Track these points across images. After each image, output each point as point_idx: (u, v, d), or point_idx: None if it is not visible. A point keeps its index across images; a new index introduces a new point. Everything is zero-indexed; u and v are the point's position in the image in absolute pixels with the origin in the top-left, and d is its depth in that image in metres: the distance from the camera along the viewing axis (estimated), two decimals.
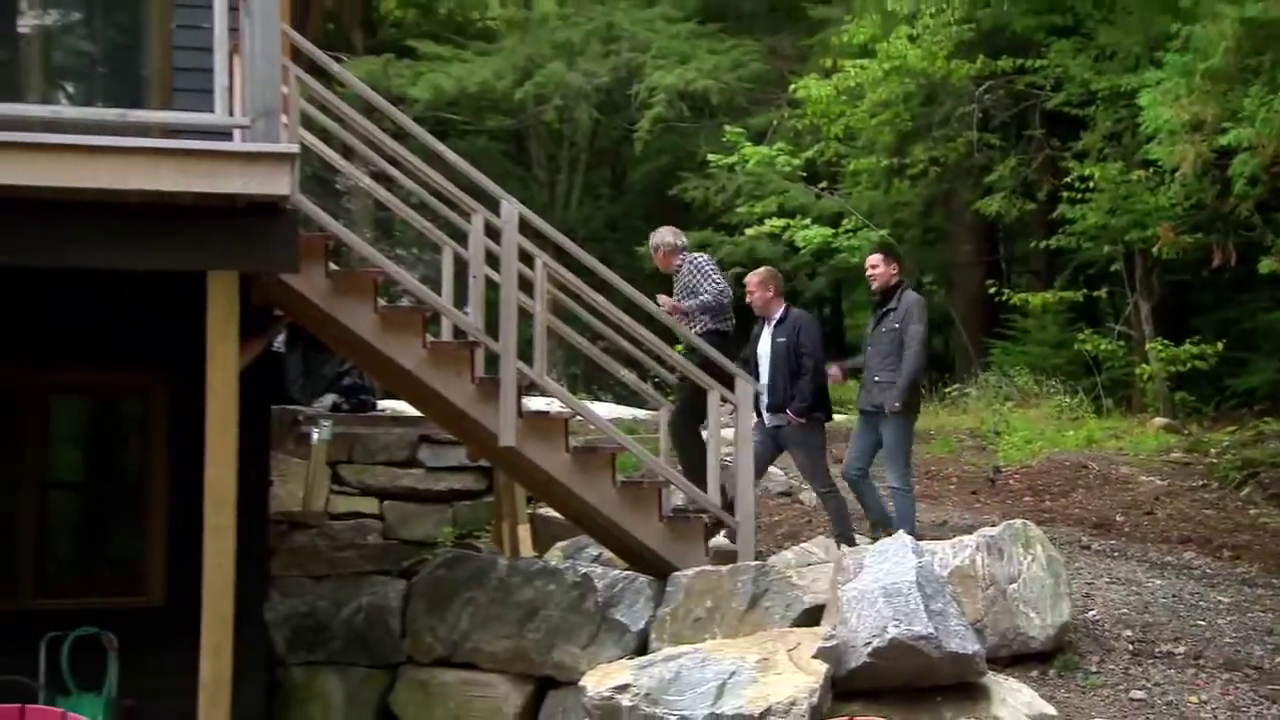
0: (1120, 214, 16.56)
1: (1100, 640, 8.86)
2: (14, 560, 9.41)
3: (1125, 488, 12.45)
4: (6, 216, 7.37)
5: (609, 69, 24.19)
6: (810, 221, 20.25)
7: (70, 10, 8.92)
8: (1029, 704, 7.80)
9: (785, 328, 10.38)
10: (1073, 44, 17.32)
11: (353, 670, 9.70)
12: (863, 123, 19.99)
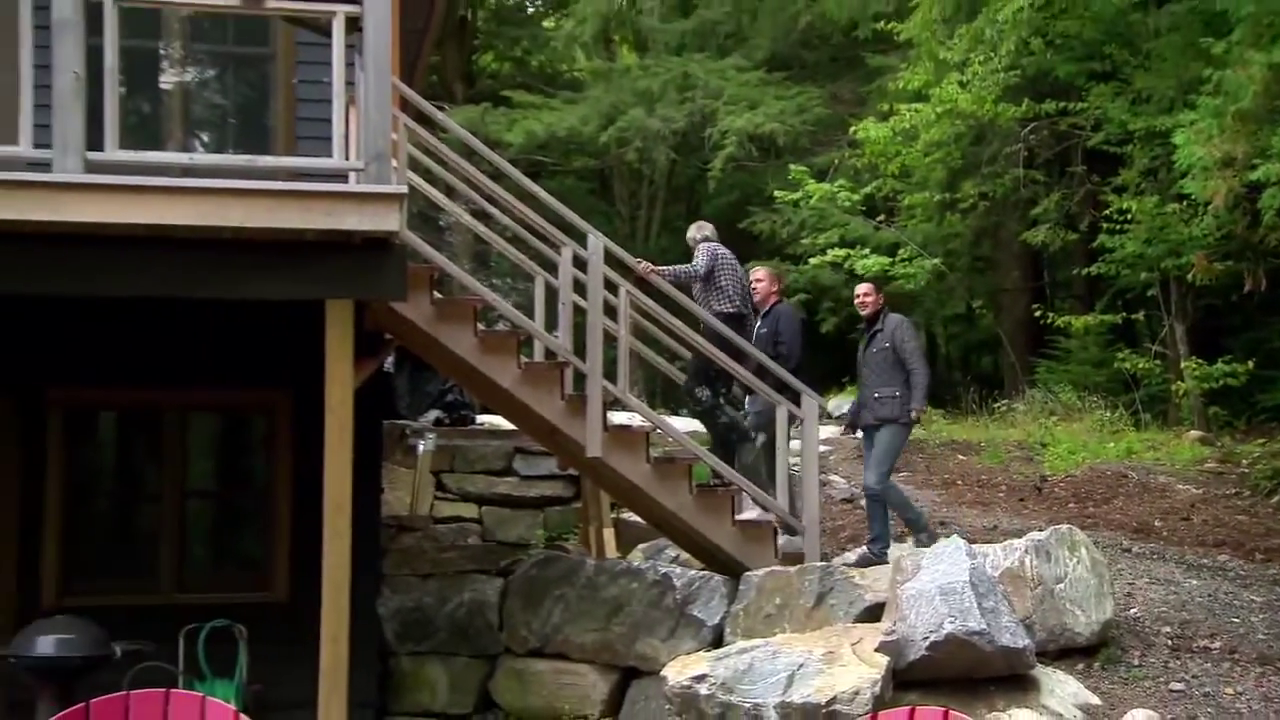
0: (1156, 243, 16.41)
1: (1141, 636, 8.78)
2: (157, 559, 9.58)
3: (1163, 495, 12.32)
4: (152, 253, 7.50)
5: (685, 114, 24.23)
6: (869, 251, 20.21)
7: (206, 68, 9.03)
8: (1075, 694, 7.75)
9: (769, 319, 10.56)
10: (1111, 88, 17.18)
11: (455, 660, 9.75)
12: (917, 161, 19.90)
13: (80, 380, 9.47)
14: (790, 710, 7.16)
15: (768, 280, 10.85)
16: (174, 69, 9.30)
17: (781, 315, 10.64)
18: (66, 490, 9.47)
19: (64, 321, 9.00)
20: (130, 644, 8.35)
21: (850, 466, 13.68)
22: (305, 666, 7.70)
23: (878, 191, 21.05)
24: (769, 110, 23.25)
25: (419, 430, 12.50)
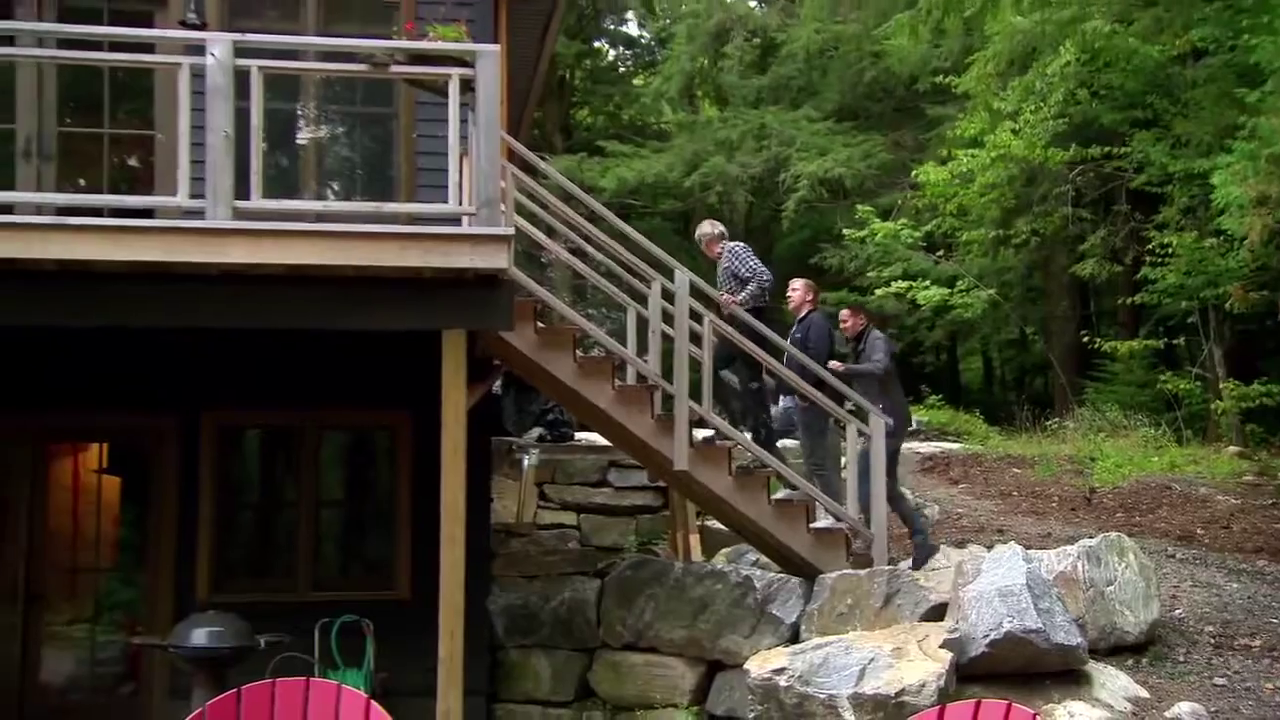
0: (1195, 275, 16.21)
1: (1186, 635, 8.68)
2: (294, 561, 9.72)
3: (1204, 506, 12.14)
4: (291, 290, 7.62)
5: (761, 161, 24.28)
6: (929, 283, 20.16)
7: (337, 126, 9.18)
8: (1125, 688, 7.68)
9: (801, 326, 10.59)
10: (1152, 134, 17.03)
11: (557, 652, 9.76)
12: (973, 201, 19.80)
13: (230, 403, 9.65)
14: (862, 701, 7.13)
15: (802, 290, 10.92)
16: (309, 127, 9.45)
17: (813, 324, 10.61)
18: (217, 499, 9.65)
19: (216, 350, 9.17)
20: (272, 636, 8.45)
21: (914, 479, 13.59)
22: (425, 657, 7.78)
23: (937, 229, 20.98)
24: (838, 156, 23.27)
25: (524, 446, 12.58)
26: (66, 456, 9.87)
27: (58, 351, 9.14)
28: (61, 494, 9.78)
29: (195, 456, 9.60)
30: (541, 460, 12.35)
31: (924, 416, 18.70)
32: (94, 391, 9.47)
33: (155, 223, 7.61)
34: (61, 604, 9.68)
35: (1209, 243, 15.70)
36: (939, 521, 11.61)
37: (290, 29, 9.64)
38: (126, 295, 7.57)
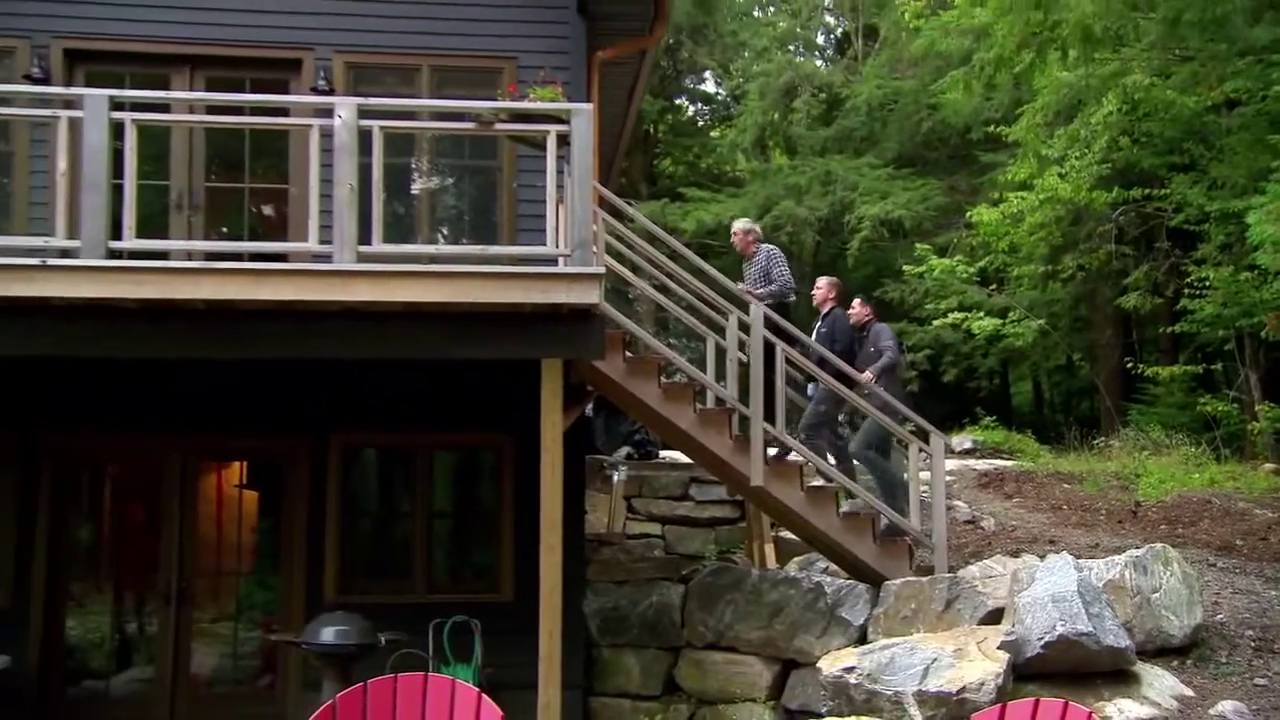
0: (1232, 306, 15.91)
1: (1227, 638, 8.49)
2: (410, 566, 9.80)
3: (1243, 519, 11.87)
4: (407, 324, 7.71)
5: (827, 204, 24.24)
6: (983, 314, 20.01)
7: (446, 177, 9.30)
8: (1171, 687, 7.53)
9: (827, 320, 10.71)
10: (1190, 177, 16.78)
11: (646, 651, 9.75)
12: (1023, 239, 19.65)
13: (353, 425, 9.77)
14: (926, 698, 7.06)
15: (825, 288, 11.02)
16: (423, 178, 9.57)
17: (837, 319, 10.76)
18: (342, 511, 9.76)
19: (342, 379, 9.31)
20: (391, 634, 8.53)
21: (971, 494, 13.43)
22: (527, 654, 7.79)
23: (990, 265, 20.80)
24: (897, 200, 23.21)
25: (614, 463, 12.59)
26: (211, 473, 10.04)
27: (204, 381, 9.32)
28: (207, 506, 9.94)
29: (323, 473, 9.73)
30: (629, 476, 12.35)
31: (979, 436, 18.49)
32: (235, 416, 9.65)
33: (289, 266, 7.74)
34: (207, 604, 9.84)
35: (1244, 276, 15.43)
36: (995, 533, 11.45)
37: (407, 93, 9.80)
38: (264, 331, 7.71)
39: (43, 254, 7.49)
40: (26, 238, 8.54)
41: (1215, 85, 14.62)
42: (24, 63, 9.57)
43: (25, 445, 9.48)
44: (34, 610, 9.37)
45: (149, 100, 8.17)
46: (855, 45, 28.24)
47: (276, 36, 9.86)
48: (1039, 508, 12.89)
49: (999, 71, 16.35)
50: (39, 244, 7.71)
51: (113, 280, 7.35)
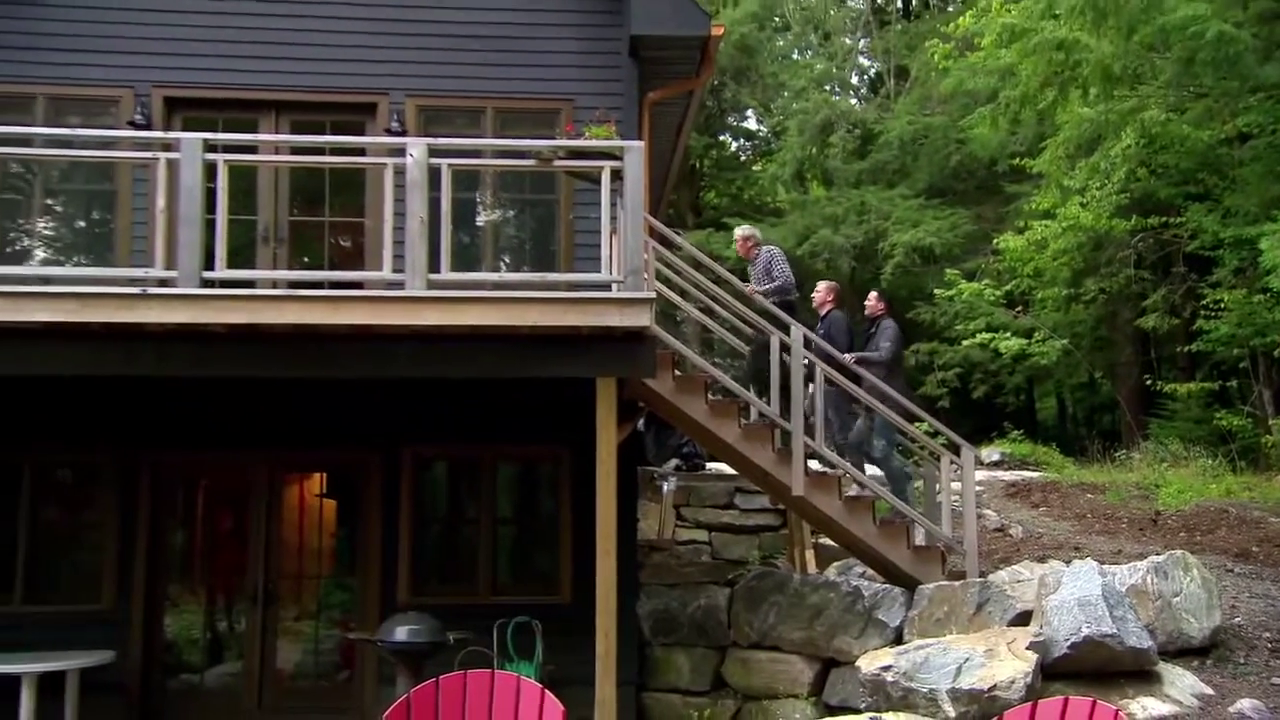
0: (1245, 326, 15.70)
1: (1245, 640, 8.34)
2: (475, 570, 9.82)
3: (1258, 527, 11.67)
4: (473, 346, 7.75)
5: (862, 232, 24.13)
6: (1009, 335, 19.83)
7: (508, 210, 9.35)
8: (1192, 686, 7.41)
9: (825, 322, 10.82)
10: (1204, 207, 16.57)
11: (695, 649, 9.71)
12: (1047, 264, 19.50)
13: (423, 439, 9.82)
14: (959, 695, 6.98)
15: (824, 292, 11.22)
16: (487, 211, 9.61)
17: (833, 321, 10.90)
18: (413, 518, 9.80)
19: (412, 396, 9.36)
20: (459, 634, 8.56)
21: (999, 503, 13.29)
22: (584, 652, 7.77)
23: (1016, 288, 20.65)
24: (928, 228, 23.06)
25: (663, 474, 12.57)
26: (294, 484, 10.12)
27: (288, 399, 9.40)
28: (290, 515, 10.03)
29: (396, 483, 9.79)
30: (678, 486, 12.33)
31: (1007, 449, 18.32)
32: (316, 432, 9.73)
33: (365, 293, 7.82)
34: (290, 604, 9.90)
35: (1257, 299, 15.23)
36: (1023, 540, 11.32)
37: (473, 132, 9.88)
38: (342, 352, 7.78)
39: (143, 283, 7.60)
40: (128, 269, 8.67)
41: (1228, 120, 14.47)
42: (128, 110, 9.74)
43: (126, 460, 9.61)
44: (134, 611, 9.49)
45: (238, 142, 8.27)
46: (888, 84, 28.15)
47: (354, 83, 9.98)
48: (1064, 516, 12.75)
49: (1023, 108, 16.35)
50: (139, 274, 7.83)
51: (205, 307, 7.45)
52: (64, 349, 7.60)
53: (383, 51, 10.00)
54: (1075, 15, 13.03)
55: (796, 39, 29.64)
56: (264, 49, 9.90)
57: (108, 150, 9.00)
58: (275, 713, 9.54)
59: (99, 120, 9.70)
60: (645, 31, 9.90)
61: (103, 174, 9.78)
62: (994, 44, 16.30)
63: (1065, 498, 13.69)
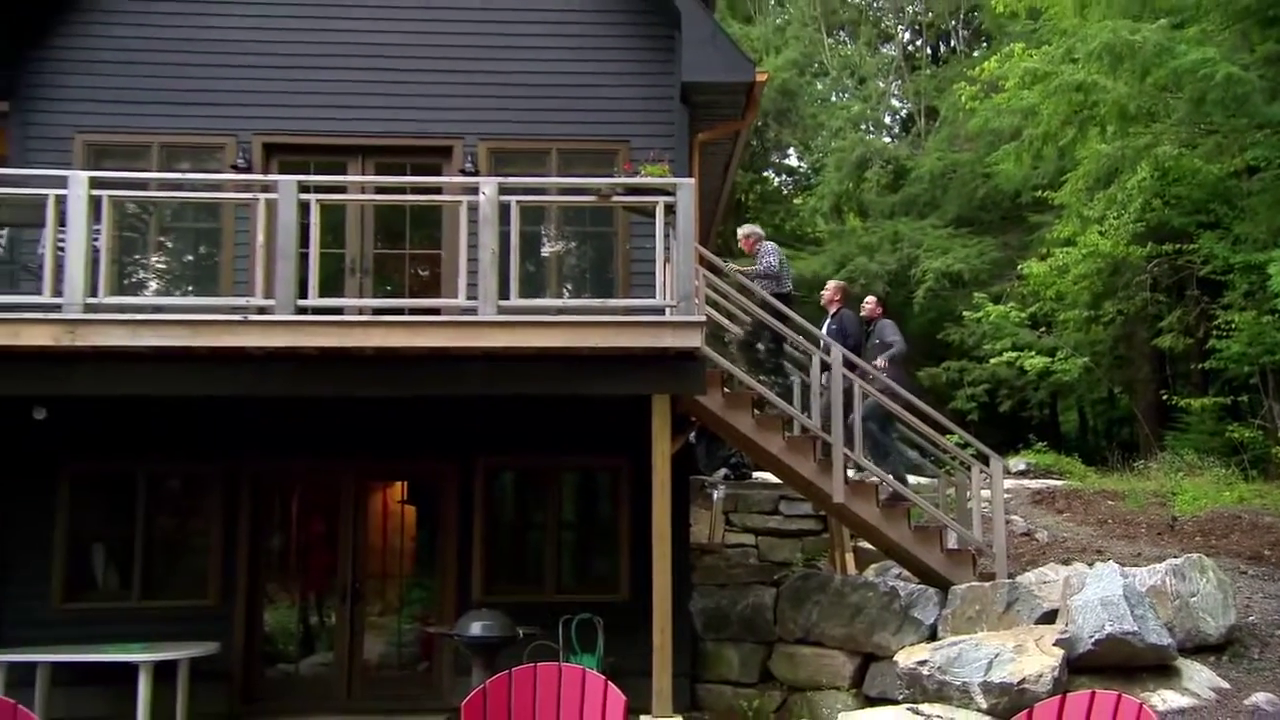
0: (1255, 345, 15.36)
1: (1259, 637, 8.13)
2: (542, 570, 9.84)
3: (1269, 531, 11.39)
4: (536, 366, 7.80)
5: (895, 260, 23.97)
6: (1034, 353, 19.57)
7: (571, 242, 9.39)
8: (1209, 680, 7.24)
9: (836, 319, 10.68)
10: (1215, 234, 16.27)
11: (744, 644, 9.65)
12: (1068, 288, 19.22)
13: (494, 451, 9.86)
14: (991, 688, 6.86)
15: (832, 290, 11.20)
16: (551, 243, 9.65)
17: (845, 317, 10.81)
18: (485, 522, 9.84)
19: (484, 412, 9.41)
20: (528, 629, 8.58)
21: (1025, 509, 13.08)
22: (642, 647, 7.78)
23: (1039, 310, 20.39)
24: (957, 255, 22.89)
25: (713, 483, 12.52)
26: (378, 492, 10.18)
27: (372, 414, 9.50)
28: (375, 519, 10.10)
29: (470, 491, 9.84)
30: (727, 494, 12.27)
31: (1032, 459, 18.04)
32: (397, 444, 9.81)
33: (441, 318, 7.88)
34: (375, 601, 9.97)
35: (1266, 319, 14.92)
36: (1048, 544, 11.13)
37: (538, 172, 9.92)
38: (421, 372, 7.86)
39: (244, 311, 7.73)
40: (231, 298, 8.81)
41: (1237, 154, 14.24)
42: (231, 156, 9.91)
43: (229, 471, 9.75)
44: (237, 607, 9.61)
45: (329, 183, 8.40)
46: (918, 124, 27.98)
47: (432, 128, 10.09)
48: (1086, 522, 12.52)
49: (1045, 145, 16.18)
50: (241, 303, 7.97)
51: (300, 332, 7.56)
52: (174, 371, 7.75)
53: (458, 100, 10.11)
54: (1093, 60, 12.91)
55: (834, 83, 29.57)
56: (351, 99, 10.04)
57: (213, 192, 9.19)
58: (362, 700, 9.61)
59: (206, 165, 9.90)
60: (695, 79, 9.93)
61: (209, 213, 9.95)
62: (1017, 86, 16.17)
63: (1087, 504, 13.45)
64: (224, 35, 10.07)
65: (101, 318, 7.54)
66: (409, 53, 10.12)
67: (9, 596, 9.42)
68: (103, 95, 9.93)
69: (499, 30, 10.21)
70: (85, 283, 7.56)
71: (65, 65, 9.95)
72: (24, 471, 9.57)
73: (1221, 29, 12.86)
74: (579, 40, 10.25)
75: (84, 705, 9.01)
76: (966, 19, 28.01)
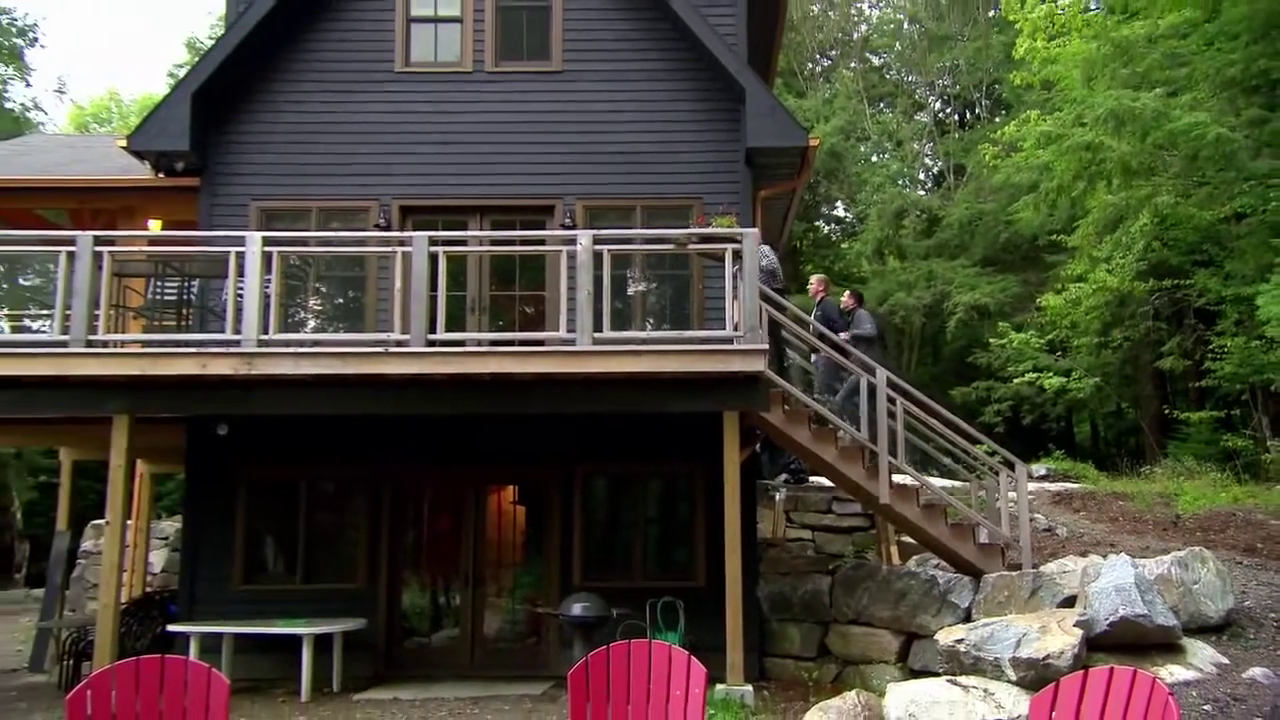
0: (1245, 367, 15.00)
1: (1254, 619, 7.78)
2: (631, 559, 9.83)
3: (1261, 528, 10.92)
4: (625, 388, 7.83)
5: (930, 295, 23.62)
6: (1052, 374, 19.18)
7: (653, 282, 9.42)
8: (1211, 657, 6.94)
9: (820, 308, 10.69)
10: (1209, 271, 15.91)
11: (803, 624, 9.50)
12: (1081, 318, 18.87)
13: (589, 459, 9.90)
14: (1019, 662, 6.67)
15: (816, 283, 11.22)
16: (635, 283, 9.69)
17: (827, 305, 10.93)
18: (583, 519, 9.87)
19: (581, 427, 9.46)
20: (620, 610, 8.58)
21: (1046, 509, 12.71)
22: (717, 625, 7.78)
23: (1056, 337, 19.99)
24: (984, 290, 22.51)
25: (776, 486, 12.38)
26: (494, 494, 10.28)
27: (489, 429, 9.62)
28: (491, 517, 10.19)
29: (570, 493, 9.88)
30: (788, 495, 12.13)
31: (1051, 465, 17.51)
32: (510, 454, 9.90)
33: (545, 349, 7.96)
34: (492, 585, 10.05)
35: (1254, 344, 14.56)
36: (1067, 538, 10.79)
37: (626, 225, 9.98)
38: (530, 394, 7.95)
39: (385, 344, 7.90)
40: (374, 334, 9.00)
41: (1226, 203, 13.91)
42: (374, 216, 10.16)
43: (373, 477, 9.93)
44: (380, 589, 9.77)
45: (453, 238, 8.56)
46: (948, 179, 27.57)
47: (537, 190, 10.23)
48: (1099, 520, 12.13)
49: (1059, 196, 15.96)
50: (382, 337, 8.14)
51: (430, 361, 7.70)
52: (330, 394, 7.95)
53: (558, 166, 10.24)
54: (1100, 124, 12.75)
55: (875, 146, 29.29)
56: (471, 168, 10.24)
57: (360, 246, 9.42)
58: (483, 668, 9.68)
59: (354, 224, 10.15)
60: (757, 144, 9.94)
61: (356, 264, 10.20)
62: (1034, 146, 15.98)
63: (1100, 505, 13.03)
64: (369, 119, 10.36)
65: (272, 351, 7.78)
66: (518, 129, 10.30)
67: (199, 580, 9.71)
68: (273, 169, 10.27)
69: (592, 108, 10.33)
70: (259, 322, 7.81)
71: (243, 147, 10.32)
72: (210, 479, 9.87)
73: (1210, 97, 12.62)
74: (660, 114, 10.33)
75: (259, 668, 9.23)
76: (988, 90, 27.62)
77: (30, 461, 23.70)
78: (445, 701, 8.28)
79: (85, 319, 7.78)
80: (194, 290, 9.81)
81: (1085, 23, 15.51)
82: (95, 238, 7.99)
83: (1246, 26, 11.99)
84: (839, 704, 6.78)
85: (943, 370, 27.19)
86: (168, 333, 9.31)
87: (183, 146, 9.91)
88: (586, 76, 10.38)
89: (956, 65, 27.69)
